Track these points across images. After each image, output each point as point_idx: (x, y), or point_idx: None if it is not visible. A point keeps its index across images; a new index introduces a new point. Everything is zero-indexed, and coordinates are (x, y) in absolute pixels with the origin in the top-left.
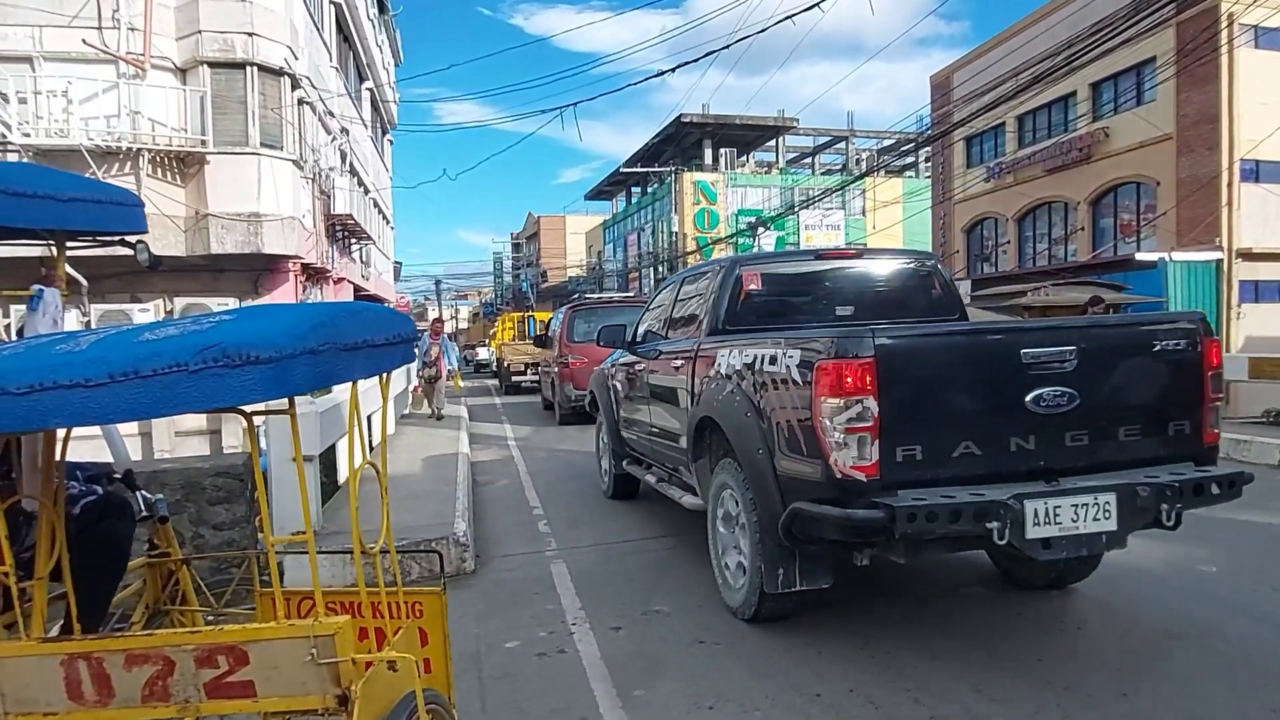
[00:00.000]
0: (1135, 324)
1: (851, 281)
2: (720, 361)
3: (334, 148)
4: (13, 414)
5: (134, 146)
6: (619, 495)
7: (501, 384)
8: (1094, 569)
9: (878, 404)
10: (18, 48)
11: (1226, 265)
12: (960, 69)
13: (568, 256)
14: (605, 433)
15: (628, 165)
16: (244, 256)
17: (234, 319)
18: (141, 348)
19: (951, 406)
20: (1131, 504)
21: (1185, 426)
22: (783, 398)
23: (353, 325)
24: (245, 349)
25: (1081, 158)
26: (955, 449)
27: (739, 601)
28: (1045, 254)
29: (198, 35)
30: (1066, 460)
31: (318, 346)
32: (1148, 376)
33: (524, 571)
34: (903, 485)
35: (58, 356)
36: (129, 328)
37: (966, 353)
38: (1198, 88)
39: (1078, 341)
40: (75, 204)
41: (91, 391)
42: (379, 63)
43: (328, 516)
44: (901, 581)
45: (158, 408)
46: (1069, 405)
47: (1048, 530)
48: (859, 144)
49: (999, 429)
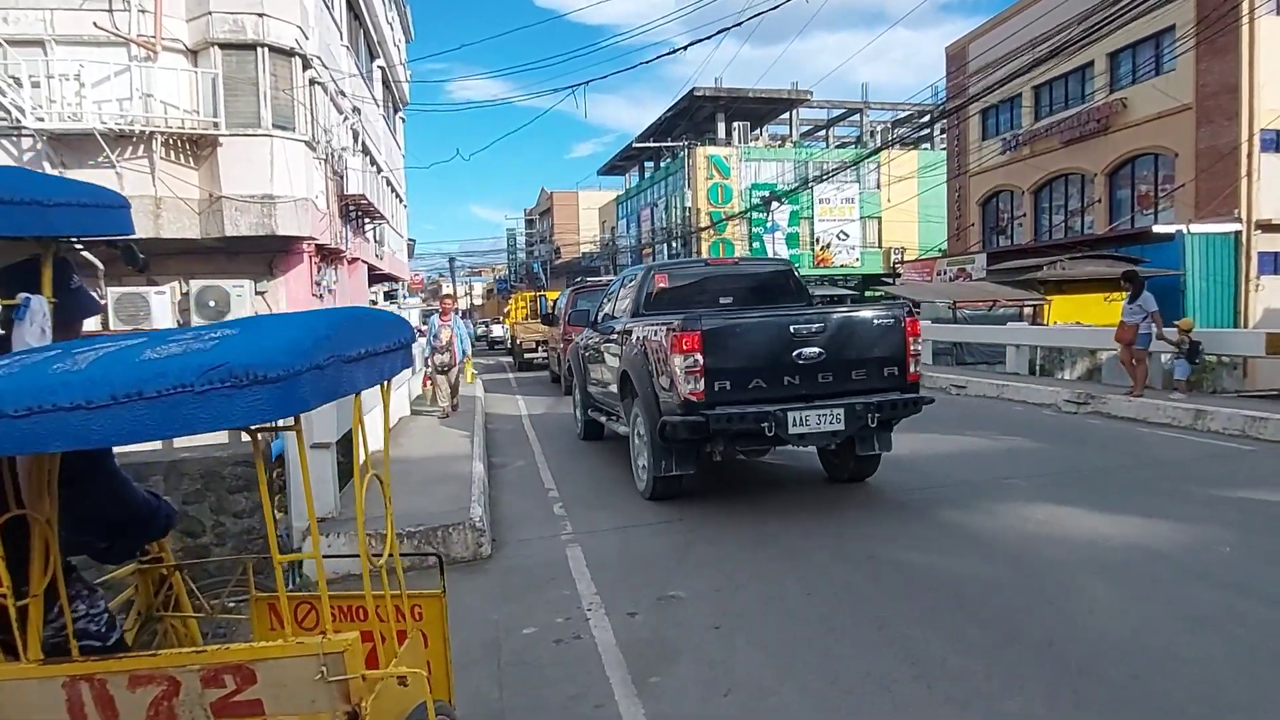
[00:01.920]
0: (863, 311)
1: (731, 280)
2: (634, 333)
3: (346, 127)
4: (10, 437)
5: (146, 129)
6: (589, 436)
7: (515, 360)
8: (875, 469)
9: (703, 358)
10: (29, 31)
11: (1246, 237)
12: (976, 39)
13: (581, 232)
14: (578, 391)
15: (640, 140)
16: (258, 239)
17: (238, 335)
18: (145, 367)
19: (748, 359)
20: (852, 413)
21: (895, 370)
22: (659, 354)
23: (355, 335)
24: (251, 368)
25: (1099, 129)
26: (750, 383)
27: (643, 487)
28: (1061, 226)
29: (208, 17)
30: (818, 390)
31: (323, 361)
32: (871, 342)
33: (540, 556)
34: (719, 405)
35: (56, 376)
36: (128, 345)
37: (757, 329)
38: (1218, 57)
39: (826, 320)
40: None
41: (93, 414)
42: (390, 40)
43: (345, 500)
44: (915, 565)
45: (162, 429)
46: (819, 358)
47: (802, 429)
48: (874, 116)
49: (776, 372)
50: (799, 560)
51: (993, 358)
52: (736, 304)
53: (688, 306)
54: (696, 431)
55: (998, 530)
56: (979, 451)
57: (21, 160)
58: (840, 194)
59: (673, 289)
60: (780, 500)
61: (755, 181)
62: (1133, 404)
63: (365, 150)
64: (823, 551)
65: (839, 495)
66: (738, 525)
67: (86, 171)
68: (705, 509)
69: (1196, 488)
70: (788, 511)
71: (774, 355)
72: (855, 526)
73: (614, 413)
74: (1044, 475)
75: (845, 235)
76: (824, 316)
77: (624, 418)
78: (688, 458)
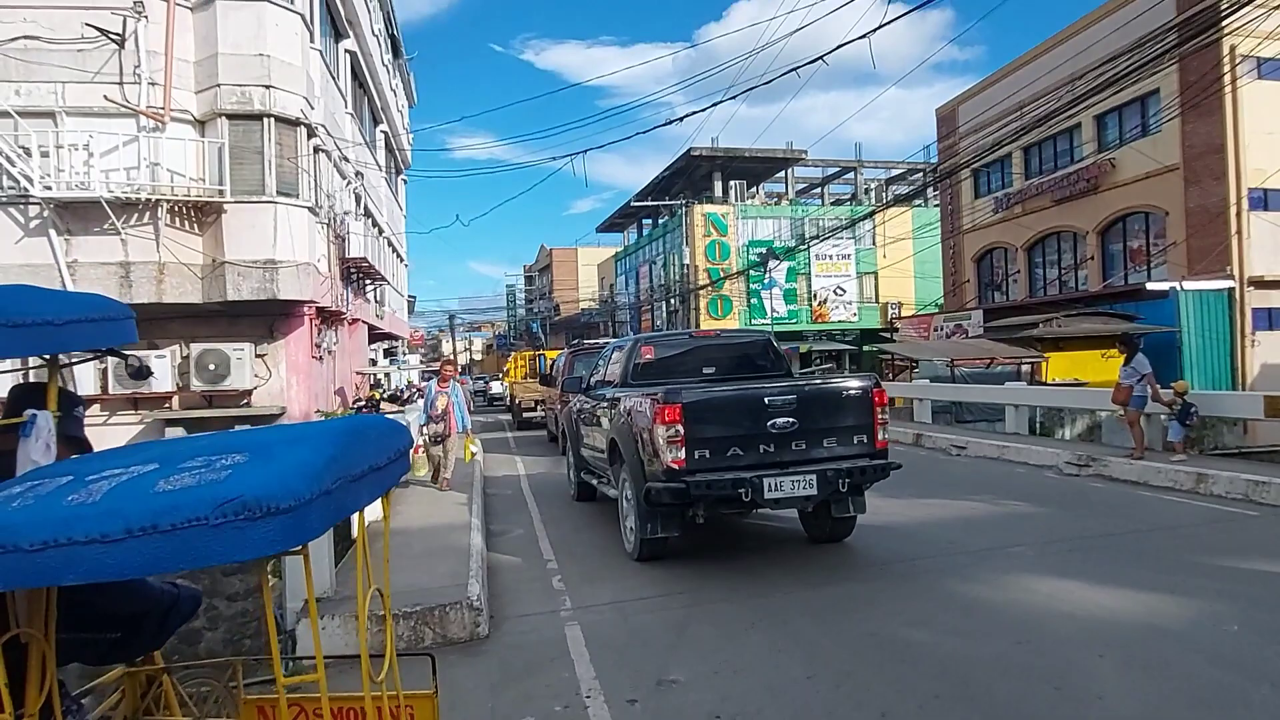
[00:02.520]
0: (832, 382)
1: (713, 351)
2: (622, 402)
3: (349, 192)
4: (26, 570)
5: (153, 198)
6: (582, 498)
7: (514, 419)
8: (851, 531)
9: (684, 428)
10: (41, 103)
11: (1239, 294)
12: (965, 102)
13: (580, 289)
14: (571, 454)
15: (639, 198)
16: (260, 302)
17: (249, 461)
18: (159, 500)
19: (726, 428)
20: (824, 479)
21: (864, 437)
22: (644, 423)
23: (359, 451)
24: (265, 500)
25: (1089, 188)
26: (728, 451)
27: (631, 549)
28: (1056, 283)
29: (217, 89)
30: (792, 457)
31: (331, 485)
32: (840, 411)
33: (539, 634)
34: (699, 471)
35: (70, 509)
36: (141, 473)
37: (734, 400)
38: (1202, 119)
39: (798, 392)
40: (71, 326)
41: (108, 548)
42: (393, 106)
43: (340, 578)
44: (919, 645)
45: (176, 562)
46: (792, 427)
47: (777, 494)
48: (868, 174)
49: (752, 440)
50: (800, 638)
51: (992, 416)
52: (719, 374)
53: (673, 376)
54: (678, 497)
55: (1003, 605)
56: (982, 517)
57: (28, 227)
58: (837, 250)
59: (659, 360)
60: (779, 569)
61: (752, 239)
62: (1134, 466)
63: (367, 213)
64: (824, 629)
65: (839, 564)
66: (736, 600)
67: (92, 238)
68: (703, 580)
69: (1201, 557)
70: (787, 584)
71: (750, 425)
72: (857, 600)
73: (604, 476)
74: (1048, 543)
75: (842, 291)
76: (796, 388)
77: (614, 481)
78: (672, 521)
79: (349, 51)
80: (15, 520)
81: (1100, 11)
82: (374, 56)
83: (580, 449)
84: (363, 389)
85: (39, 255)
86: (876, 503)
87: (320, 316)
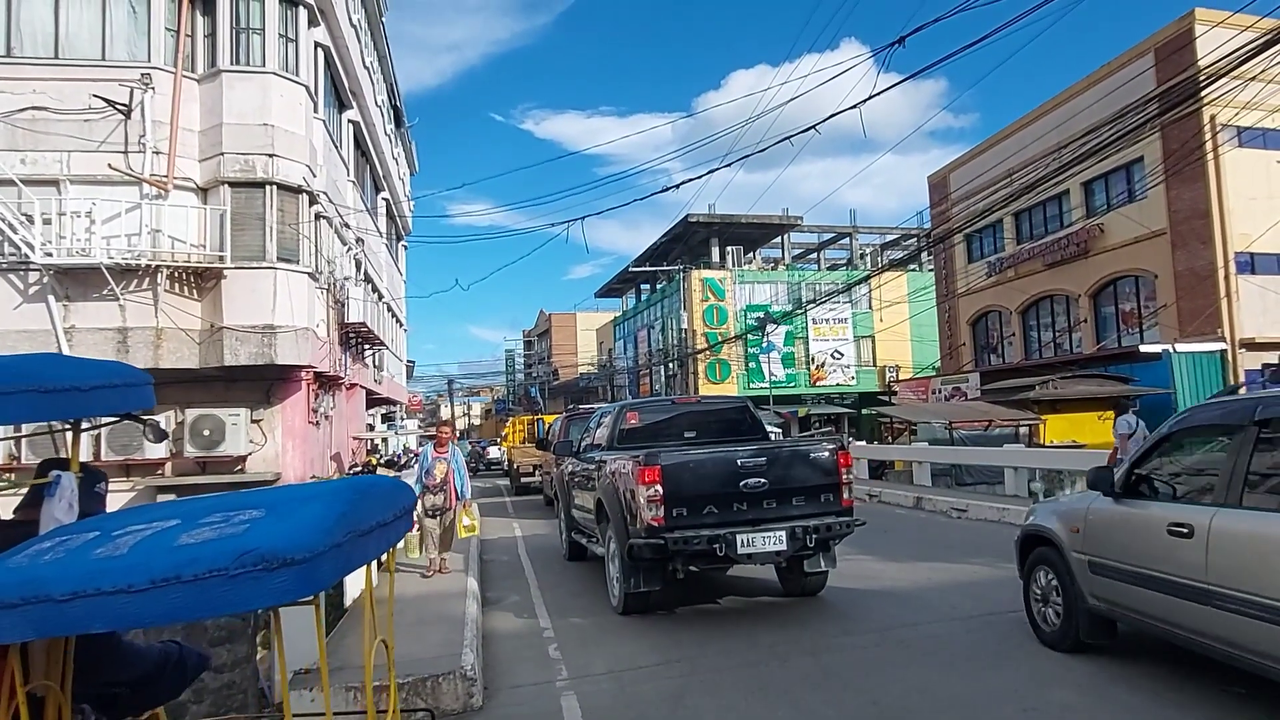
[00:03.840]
0: (801, 446)
1: (694, 417)
2: (608, 465)
3: (349, 257)
4: (56, 620)
5: (153, 263)
6: (573, 557)
7: (512, 484)
8: (823, 585)
9: (662, 488)
10: (46, 171)
11: (1231, 355)
12: (957, 169)
13: (579, 353)
14: (563, 515)
15: (637, 264)
16: (257, 367)
17: (265, 516)
18: (181, 553)
19: (701, 489)
20: (792, 535)
21: (831, 496)
22: (626, 484)
23: (367, 508)
24: (280, 552)
25: (1079, 252)
26: (704, 509)
27: (616, 602)
28: (1051, 345)
29: (220, 157)
30: (763, 515)
31: (342, 539)
32: (808, 472)
33: (534, 705)
34: (677, 529)
35: (98, 562)
36: (164, 528)
37: (709, 462)
38: (1186, 185)
39: (768, 454)
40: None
41: (134, 597)
42: (395, 174)
43: (331, 648)
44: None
45: (196, 611)
46: (763, 487)
47: (749, 549)
48: (863, 239)
49: (726, 499)
50: (801, 708)
51: (992, 478)
52: (700, 438)
53: (656, 441)
54: (658, 552)
55: (1007, 671)
56: (983, 580)
57: (27, 293)
58: (834, 315)
59: (643, 425)
60: (777, 634)
61: (750, 303)
62: None
63: (367, 278)
64: (824, 698)
65: (839, 629)
66: (734, 667)
67: (90, 304)
68: (700, 646)
69: None
70: (785, 649)
71: (724, 485)
72: (858, 667)
73: (593, 535)
74: None
75: (840, 355)
76: (767, 451)
77: (601, 540)
78: (654, 575)
79: (352, 121)
80: (46, 573)
81: (1085, 82)
82: (376, 126)
83: (571, 509)
84: (359, 454)
85: (37, 321)
86: (876, 566)
87: (318, 381)
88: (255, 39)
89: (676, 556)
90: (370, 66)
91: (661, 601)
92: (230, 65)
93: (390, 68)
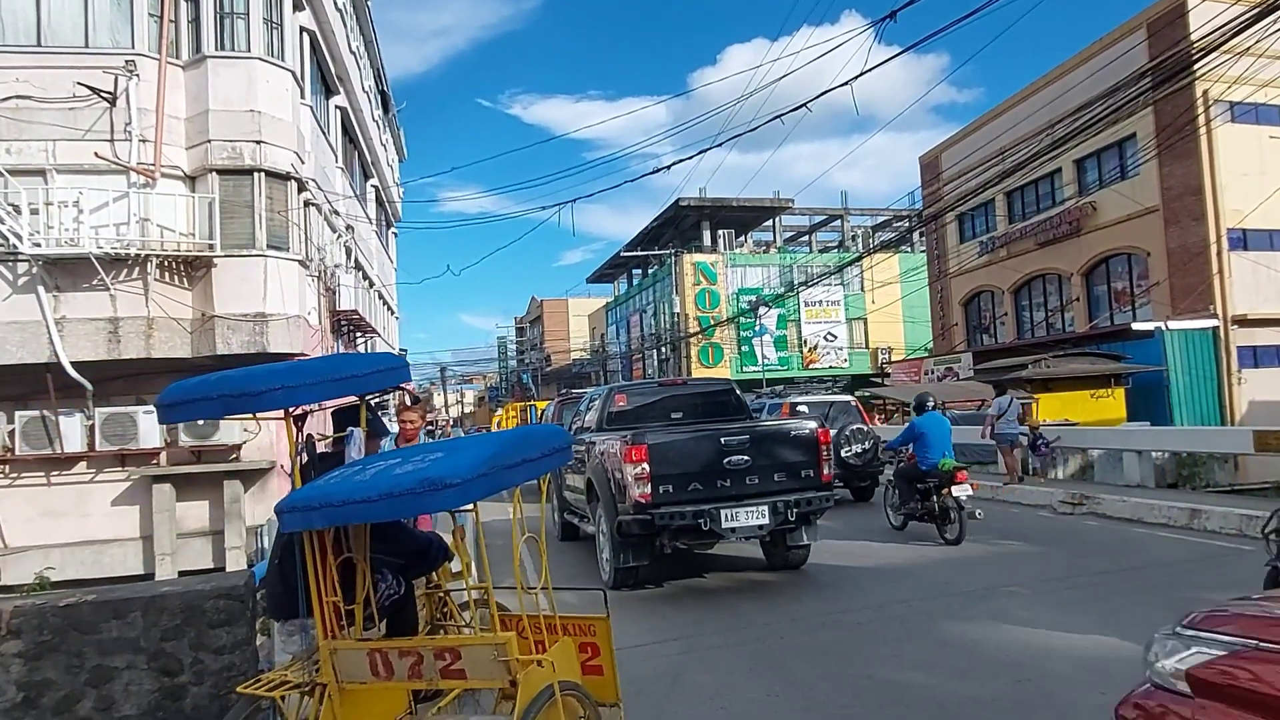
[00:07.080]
0: (782, 424)
1: (680, 398)
2: (597, 445)
3: (339, 245)
4: (334, 516)
5: (142, 253)
6: (565, 538)
7: None
8: (806, 558)
9: (649, 466)
10: (32, 161)
11: (1223, 332)
12: (948, 149)
13: (571, 339)
14: (555, 496)
15: (628, 248)
16: (249, 356)
17: (444, 456)
18: (397, 479)
19: (687, 467)
20: (774, 510)
21: (811, 473)
22: (615, 463)
23: (515, 449)
24: (445, 478)
25: (1071, 231)
26: (689, 487)
27: (607, 577)
28: (1043, 324)
29: (207, 144)
30: (746, 491)
31: (488, 470)
32: (789, 450)
33: None
34: (663, 505)
35: (357, 484)
36: (388, 465)
37: (693, 441)
38: (1179, 162)
39: (751, 433)
40: (370, 375)
41: (372, 504)
42: (383, 160)
43: None
44: (917, 688)
45: (404, 512)
46: (746, 465)
47: (733, 524)
48: (854, 221)
49: (711, 476)
50: (797, 683)
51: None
52: (686, 419)
53: (643, 422)
54: (646, 528)
55: (1001, 644)
56: (977, 557)
57: (16, 284)
58: (826, 297)
59: (631, 407)
60: (773, 613)
61: (741, 286)
62: (1128, 504)
63: (358, 266)
64: (821, 672)
65: (834, 607)
66: (732, 645)
67: (80, 294)
68: (697, 625)
69: (1198, 593)
70: (782, 627)
71: (708, 463)
72: (854, 643)
73: (584, 515)
74: (1045, 581)
75: (833, 337)
76: (749, 429)
77: (591, 519)
78: (642, 551)
79: (339, 107)
80: (331, 489)
81: (1078, 58)
82: (364, 112)
83: (563, 491)
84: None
85: (27, 312)
86: (872, 545)
87: None
88: (240, 24)
89: (663, 532)
90: (357, 51)
91: (652, 577)
92: (215, 51)
93: (377, 53)
